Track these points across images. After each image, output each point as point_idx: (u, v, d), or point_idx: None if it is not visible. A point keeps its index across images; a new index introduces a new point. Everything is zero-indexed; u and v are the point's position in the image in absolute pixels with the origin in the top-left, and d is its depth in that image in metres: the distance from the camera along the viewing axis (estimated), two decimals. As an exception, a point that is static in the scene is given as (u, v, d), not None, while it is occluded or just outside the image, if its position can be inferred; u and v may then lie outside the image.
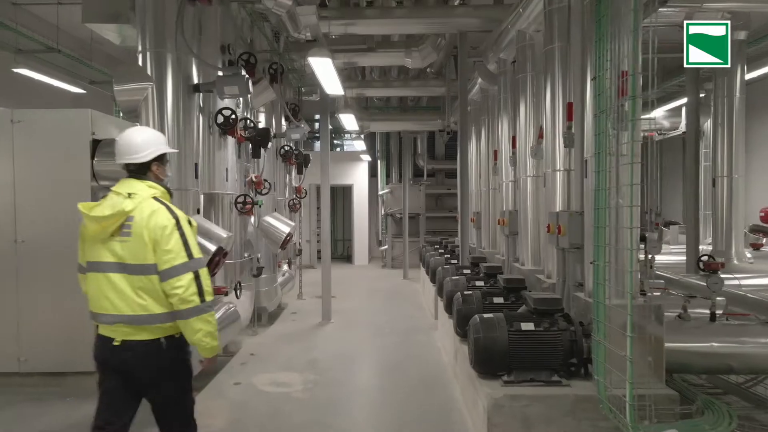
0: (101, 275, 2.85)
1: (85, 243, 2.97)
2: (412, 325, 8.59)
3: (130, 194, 2.86)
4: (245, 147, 6.69)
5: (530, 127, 6.40)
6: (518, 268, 6.62)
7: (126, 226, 2.81)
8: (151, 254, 2.78)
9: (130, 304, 2.79)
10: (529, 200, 6.45)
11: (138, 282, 2.79)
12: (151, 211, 2.82)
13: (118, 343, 2.81)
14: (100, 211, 2.82)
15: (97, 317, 2.89)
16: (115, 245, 2.82)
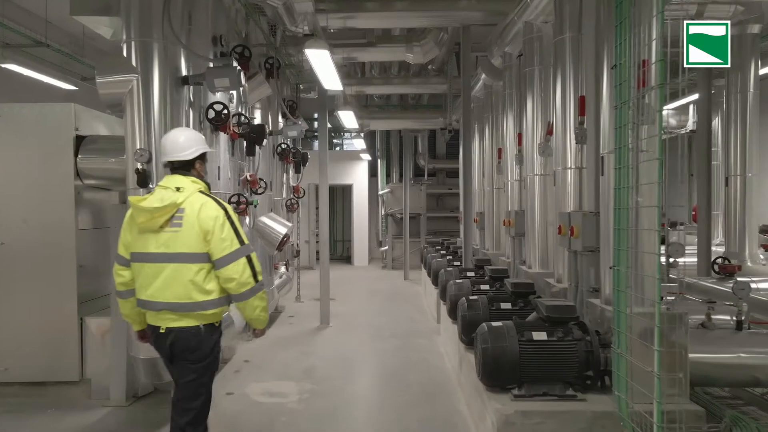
0: (149, 265, 3.03)
1: (131, 235, 3.12)
2: (414, 328, 8.30)
3: (178, 188, 3.05)
4: (239, 144, 6.40)
5: (538, 124, 6.10)
6: (525, 271, 6.32)
7: (177, 217, 2.99)
8: (201, 244, 2.96)
9: (175, 292, 2.97)
10: (536, 200, 6.15)
11: (185, 271, 2.96)
12: (201, 204, 3.01)
13: (163, 331, 3.03)
14: (150, 203, 2.98)
15: (144, 304, 3.08)
16: (165, 236, 2.99)
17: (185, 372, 3.07)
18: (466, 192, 8.08)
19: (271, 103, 8.06)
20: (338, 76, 6.76)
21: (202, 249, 2.97)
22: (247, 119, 5.95)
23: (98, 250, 5.28)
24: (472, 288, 5.99)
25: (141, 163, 4.34)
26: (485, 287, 6.03)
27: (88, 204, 5.29)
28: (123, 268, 3.18)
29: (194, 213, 2.99)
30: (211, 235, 2.96)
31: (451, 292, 6.09)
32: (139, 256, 3.08)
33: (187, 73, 4.70)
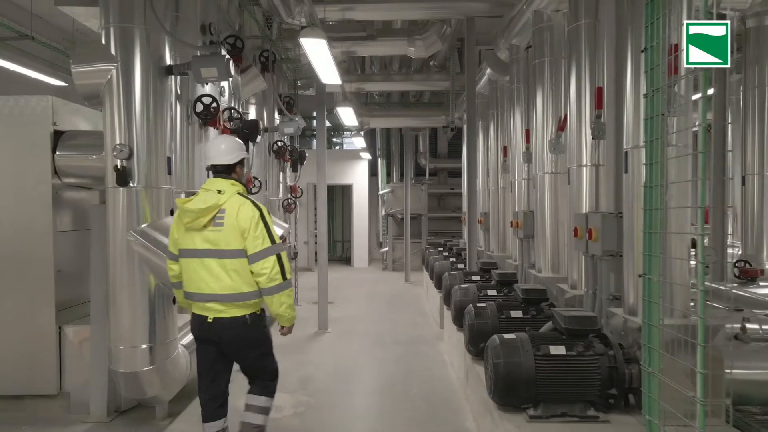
0: (196, 260, 3.33)
1: (178, 233, 3.42)
2: (416, 334, 7.94)
3: (220, 191, 3.35)
4: (232, 141, 6.04)
5: (548, 119, 5.74)
6: (535, 275, 5.96)
7: (218, 217, 3.31)
8: (241, 241, 3.27)
9: (221, 284, 3.28)
10: (546, 200, 5.79)
11: (229, 265, 3.28)
12: (240, 205, 3.32)
13: (211, 320, 3.31)
14: (195, 205, 3.29)
15: (191, 296, 3.38)
16: (209, 234, 3.31)
17: (241, 357, 3.48)
18: (471, 192, 7.73)
19: (267, 98, 7.70)
20: (337, 70, 6.40)
21: (241, 246, 3.28)
22: (239, 114, 5.59)
23: (78, 253, 4.93)
24: (479, 293, 5.64)
25: (120, 160, 3.98)
26: (492, 292, 5.67)
27: (67, 204, 4.92)
28: (173, 262, 3.53)
29: (234, 213, 3.30)
30: (247, 233, 3.28)
31: (455, 298, 5.73)
32: (186, 252, 3.39)
33: (173, 63, 4.35)
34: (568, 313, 3.49)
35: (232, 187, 3.39)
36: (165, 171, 4.23)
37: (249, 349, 3.42)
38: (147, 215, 4.12)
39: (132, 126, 4.07)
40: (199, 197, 3.36)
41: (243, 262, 3.28)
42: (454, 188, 16.83)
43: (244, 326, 3.32)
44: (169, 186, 4.30)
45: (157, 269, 4.07)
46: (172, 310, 4.32)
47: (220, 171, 3.49)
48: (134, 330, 4.12)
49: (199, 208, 3.28)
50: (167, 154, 4.26)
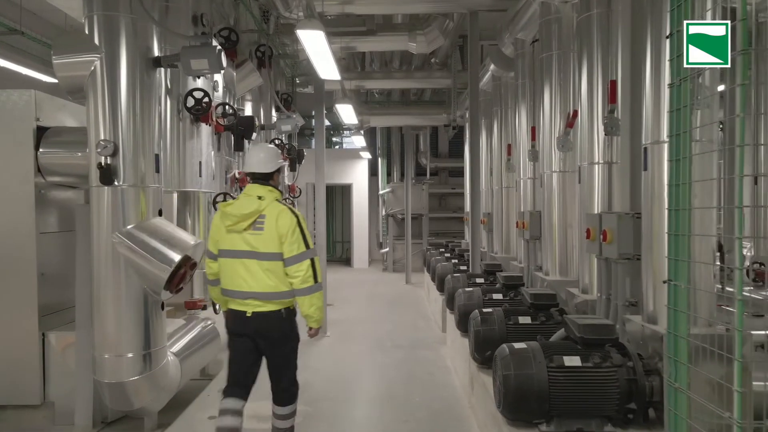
0: (236, 260, 3.55)
1: (219, 234, 3.63)
2: (418, 338, 7.70)
3: (260, 197, 3.56)
4: (226, 138, 5.81)
5: (556, 115, 5.50)
6: (541, 278, 5.72)
7: (259, 222, 3.52)
8: (278, 245, 3.50)
9: (260, 283, 3.51)
10: (554, 200, 5.55)
11: (267, 266, 3.50)
12: (279, 212, 3.55)
13: (249, 315, 3.54)
14: (238, 209, 3.53)
15: (231, 293, 3.59)
16: (249, 237, 3.52)
17: (272, 349, 3.65)
18: (474, 191, 7.49)
19: (264, 95, 7.48)
20: (336, 65, 6.15)
21: (279, 249, 3.52)
22: (233, 110, 5.36)
23: (64, 255, 4.68)
24: (484, 297, 5.40)
25: (104, 157, 3.74)
26: (498, 296, 5.43)
27: (51, 204, 4.68)
28: (212, 261, 3.72)
29: (273, 219, 3.52)
30: (285, 239, 3.50)
31: (459, 302, 5.49)
32: (226, 253, 3.60)
33: (161, 54, 4.11)
34: (583, 321, 3.25)
35: (271, 194, 3.64)
36: (153, 169, 3.98)
37: (282, 342, 3.67)
38: (133, 216, 3.88)
39: (117, 121, 3.83)
40: (240, 202, 3.61)
41: (279, 264, 3.53)
42: (456, 188, 16.61)
43: (279, 319, 3.58)
44: (158, 185, 4.06)
45: (144, 273, 3.83)
46: (160, 317, 4.08)
47: (258, 179, 3.70)
48: (120, 338, 3.88)
49: (242, 213, 3.52)
50: (155, 151, 4.01)
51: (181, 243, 3.94)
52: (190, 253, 3.98)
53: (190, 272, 4.02)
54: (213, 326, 5.43)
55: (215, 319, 5.54)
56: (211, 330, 5.38)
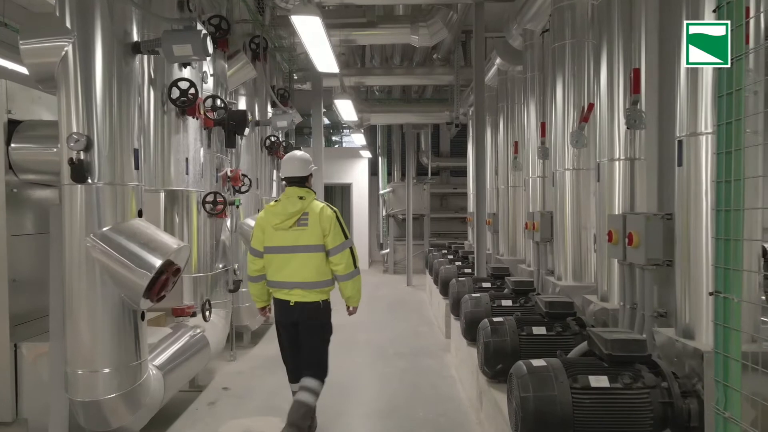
0: (284, 255, 3.98)
1: (264, 233, 4.06)
2: (420, 345, 7.34)
3: (301, 197, 4.00)
4: (217, 134, 5.45)
5: (569, 109, 5.14)
6: (553, 283, 5.36)
7: (303, 219, 3.96)
8: (320, 238, 3.94)
9: (304, 274, 3.95)
10: (567, 199, 5.19)
11: (311, 257, 3.94)
12: (320, 209, 4.00)
13: (293, 304, 3.98)
14: (284, 209, 3.98)
15: (278, 284, 4.02)
16: (294, 233, 3.96)
17: (308, 337, 4.06)
18: (479, 191, 7.14)
19: (259, 89, 7.11)
20: (334, 56, 5.81)
21: (321, 242, 3.96)
22: (224, 103, 5.00)
23: (39, 260, 4.31)
24: (492, 304, 5.04)
25: (76, 152, 3.38)
26: (507, 303, 5.07)
27: (25, 204, 4.31)
28: (257, 259, 4.12)
29: (316, 215, 3.98)
30: (327, 232, 3.96)
31: (466, 309, 5.13)
32: (274, 249, 4.02)
33: (142, 39, 3.75)
34: (610, 335, 2.88)
35: (309, 194, 4.08)
36: (131, 165, 3.62)
37: (319, 330, 4.11)
38: (110, 217, 3.52)
39: (92, 112, 3.46)
40: (284, 203, 4.05)
41: (321, 256, 3.99)
42: (457, 188, 16.28)
43: (317, 309, 4.03)
44: (137, 183, 3.69)
45: (121, 280, 3.47)
46: (140, 327, 3.71)
47: (295, 182, 4.12)
48: (95, 352, 3.52)
49: (288, 212, 3.98)
50: (134, 145, 3.65)
51: (163, 246, 3.58)
52: (173, 258, 3.62)
53: (173, 279, 3.66)
54: (202, 335, 5.08)
55: (204, 326, 5.19)
56: (200, 339, 5.02)
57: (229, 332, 6.23)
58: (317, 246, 3.97)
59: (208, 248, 5.43)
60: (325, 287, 4.04)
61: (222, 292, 5.82)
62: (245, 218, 6.81)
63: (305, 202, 4.01)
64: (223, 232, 5.79)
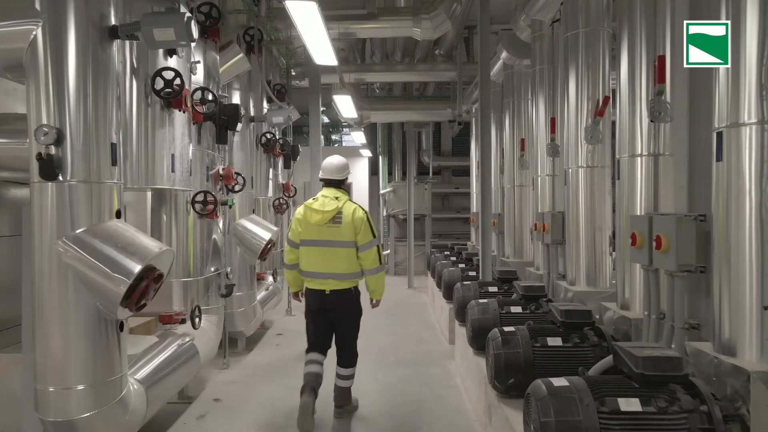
0: (318, 248, 4.47)
1: (302, 227, 4.52)
2: (423, 352, 7.01)
3: (336, 197, 4.51)
4: (208, 130, 5.13)
5: (583, 103, 4.82)
6: (565, 288, 5.04)
7: (338, 217, 4.44)
8: (352, 235, 4.44)
9: (337, 266, 4.44)
10: (581, 199, 4.87)
11: (343, 252, 4.44)
12: (353, 209, 4.51)
13: (328, 292, 4.47)
14: (322, 207, 4.46)
15: (312, 275, 4.50)
16: (330, 229, 4.44)
17: (343, 322, 4.59)
18: (484, 190, 6.81)
19: (253, 84, 6.79)
20: (332, 47, 5.48)
21: (353, 238, 4.42)
22: (214, 96, 4.68)
23: (13, 263, 4.00)
24: (500, 311, 4.72)
25: (45, 146, 3.06)
26: (517, 309, 4.74)
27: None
28: (293, 250, 4.58)
29: (349, 215, 4.43)
30: (359, 230, 4.42)
31: (473, 316, 4.81)
32: (310, 242, 4.47)
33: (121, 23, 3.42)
34: (642, 352, 2.55)
35: (344, 195, 4.57)
36: (108, 161, 3.30)
37: (350, 314, 4.60)
38: (84, 218, 3.19)
39: (64, 103, 3.14)
40: (321, 202, 4.51)
41: (352, 251, 4.45)
42: (459, 187, 15.96)
43: (349, 296, 4.51)
44: (116, 180, 3.37)
45: (96, 287, 3.15)
46: (119, 339, 3.39)
47: (332, 183, 4.63)
48: (68, 366, 3.19)
49: (326, 210, 4.43)
50: (112, 139, 3.32)
51: (143, 250, 3.26)
52: (154, 263, 3.29)
53: (155, 286, 3.33)
54: (191, 344, 4.75)
55: (194, 334, 4.87)
56: (189, 348, 4.70)
57: (222, 339, 5.91)
58: (349, 242, 4.44)
59: (199, 251, 5.11)
60: (354, 278, 4.52)
61: (214, 297, 5.49)
62: (240, 219, 6.49)
63: (340, 202, 4.48)
64: (215, 234, 5.47)
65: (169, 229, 4.85)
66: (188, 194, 4.87)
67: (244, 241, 6.41)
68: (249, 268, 6.62)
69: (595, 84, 4.73)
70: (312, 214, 4.47)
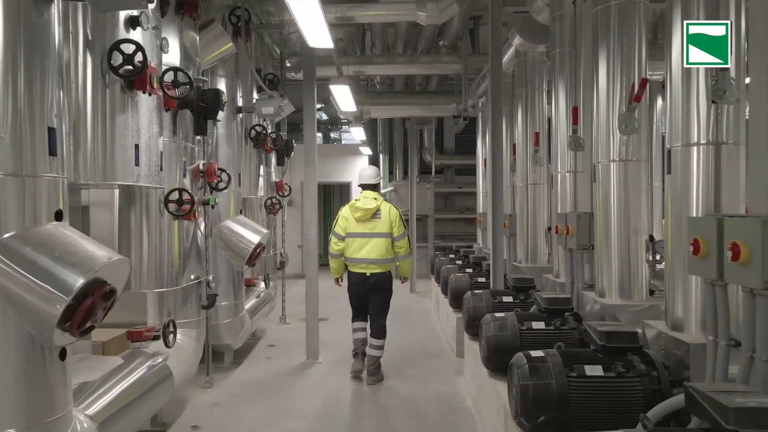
0: (362, 239, 5.70)
1: (347, 222, 5.77)
2: (429, 366, 6.38)
3: (375, 198, 5.77)
4: (187, 119, 4.49)
5: (616, 87, 4.18)
6: (593, 299, 4.40)
7: (377, 214, 5.71)
8: (389, 229, 5.69)
9: (377, 253, 5.66)
10: (613, 198, 4.23)
11: (382, 242, 5.66)
12: (389, 208, 5.81)
13: (369, 275, 5.67)
14: (364, 205, 5.71)
15: (356, 261, 5.71)
16: (371, 224, 5.70)
17: (378, 298, 5.78)
18: (495, 189, 6.18)
19: (241, 71, 6.16)
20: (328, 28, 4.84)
21: (389, 231, 5.71)
22: (189, 79, 4.04)
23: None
24: (521, 327, 4.08)
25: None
26: (539, 325, 4.10)
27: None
28: (340, 241, 5.78)
29: (386, 212, 5.75)
30: (394, 224, 5.72)
31: (488, 332, 4.16)
32: (355, 234, 5.73)
33: (63, -17, 2.79)
34: (731, 401, 1.91)
35: (379, 197, 5.82)
36: (45, 151, 2.66)
37: (385, 292, 5.74)
38: (13, 220, 2.55)
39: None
40: (362, 201, 5.72)
41: (389, 241, 5.65)
42: (462, 187, 15.35)
43: (386, 278, 5.70)
44: (56, 174, 2.73)
45: (27, 307, 2.50)
46: (60, 370, 2.74)
47: (369, 187, 5.83)
48: (-8, 405, 2.55)
49: (368, 208, 5.64)
50: (50, 123, 2.68)
51: (87, 260, 2.62)
52: (103, 275, 2.65)
53: (104, 303, 2.69)
54: (164, 365, 4.12)
55: (168, 353, 4.23)
56: (161, 370, 4.07)
57: (205, 354, 5.28)
58: (386, 234, 5.65)
59: (175, 257, 4.47)
60: (390, 263, 5.72)
61: (194, 308, 4.85)
62: (225, 220, 5.85)
63: (378, 201, 5.73)
64: (196, 238, 4.83)
65: (138, 232, 4.22)
66: (162, 192, 4.23)
67: (230, 245, 5.77)
68: (236, 275, 5.97)
69: (630, 64, 4.09)
70: (356, 211, 5.71)
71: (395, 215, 5.70)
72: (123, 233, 4.25)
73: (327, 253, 6.07)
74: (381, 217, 5.66)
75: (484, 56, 10.03)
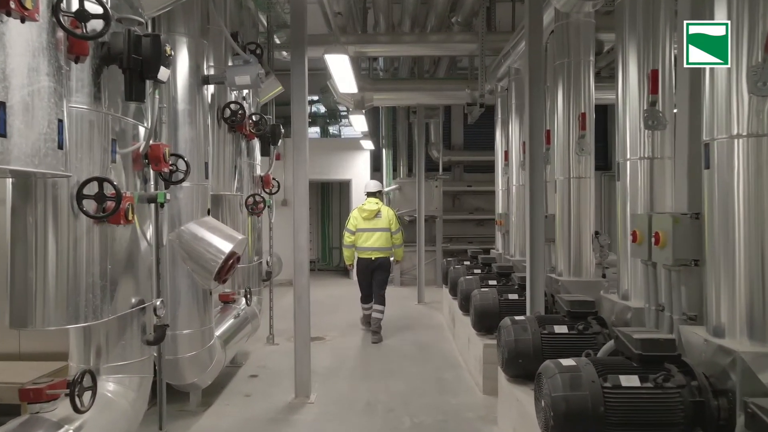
0: (369, 232, 7.74)
1: (358, 220, 7.83)
2: (448, 408, 5.03)
3: (377, 202, 7.93)
4: (116, 80, 3.13)
5: (734, 38, 2.81)
6: (704, 340, 3.03)
7: (379, 214, 7.81)
8: (388, 224, 7.77)
9: (380, 243, 7.72)
10: (738, 193, 2.85)
11: (383, 235, 7.73)
12: (387, 210, 7.99)
13: (374, 259, 7.70)
14: (369, 207, 7.82)
15: (364, 249, 7.74)
16: (374, 221, 7.75)
17: (381, 275, 7.82)
18: (534, 182, 4.89)
19: (212, 32, 4.81)
20: None
21: (388, 226, 7.77)
22: (105, 11, 2.67)
23: None
24: (603, 383, 2.70)
25: None
26: (633, 381, 2.73)
27: None
28: (351, 235, 7.88)
29: (386, 213, 7.88)
30: (391, 221, 7.81)
31: (555, 391, 2.74)
32: (362, 230, 7.77)
33: None
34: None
35: (380, 202, 8.09)
36: None
37: (385, 271, 7.90)
38: None
39: None
40: (367, 205, 7.89)
41: (388, 234, 7.77)
42: (472, 185, 14.07)
43: (386, 260, 7.82)
44: None
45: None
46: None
47: (373, 194, 8.06)
48: None
49: (371, 210, 7.80)
50: None
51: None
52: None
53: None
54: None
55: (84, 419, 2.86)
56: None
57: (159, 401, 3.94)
58: (386, 228, 7.76)
59: (97, 277, 3.08)
60: (389, 251, 7.81)
61: (135, 346, 3.47)
62: (189, 222, 4.47)
63: (379, 205, 7.92)
64: (137, 247, 3.45)
65: (41, 241, 2.86)
66: (73, 183, 2.87)
67: (194, 256, 4.38)
68: (202, 294, 4.56)
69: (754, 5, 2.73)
70: (363, 212, 7.82)
71: (392, 215, 7.95)
72: (18, 243, 2.90)
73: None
74: (381, 216, 7.80)
75: (504, 34, 8.68)
